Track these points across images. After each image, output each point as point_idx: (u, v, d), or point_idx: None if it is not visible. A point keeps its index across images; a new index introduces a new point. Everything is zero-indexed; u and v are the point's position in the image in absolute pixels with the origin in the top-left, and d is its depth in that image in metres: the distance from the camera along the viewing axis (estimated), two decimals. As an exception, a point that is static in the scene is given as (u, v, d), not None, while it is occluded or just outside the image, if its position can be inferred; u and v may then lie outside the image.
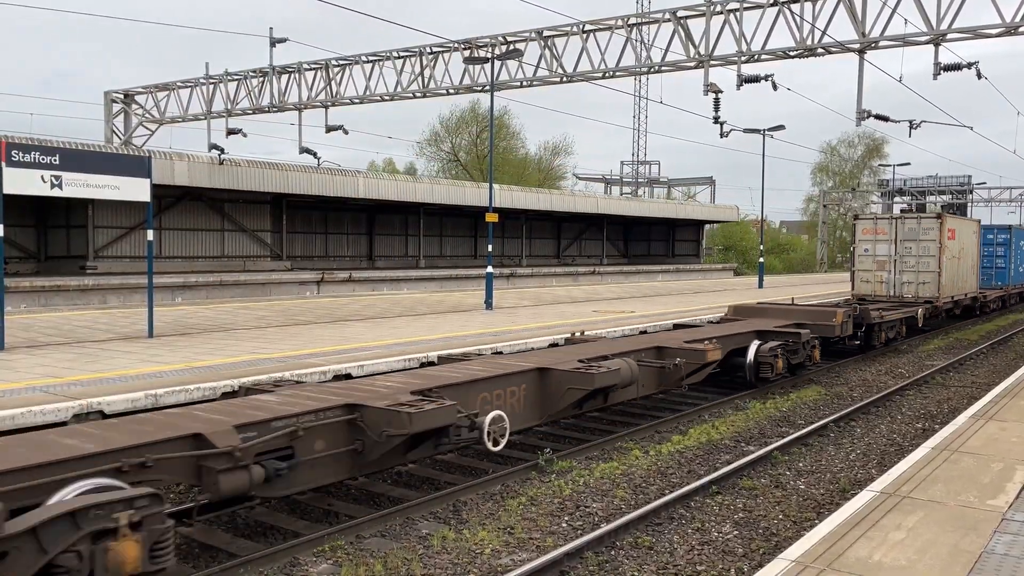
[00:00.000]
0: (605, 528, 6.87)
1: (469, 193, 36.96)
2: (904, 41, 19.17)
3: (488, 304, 19.88)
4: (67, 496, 5.09)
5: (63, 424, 7.33)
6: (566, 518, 7.42)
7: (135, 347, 11.73)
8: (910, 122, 23.39)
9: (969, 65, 19.48)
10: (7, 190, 10.77)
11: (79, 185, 11.53)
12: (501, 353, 11.89)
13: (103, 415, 7.69)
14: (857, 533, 5.22)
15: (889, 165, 60.92)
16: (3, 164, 10.64)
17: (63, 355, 10.81)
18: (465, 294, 26.34)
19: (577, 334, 13.00)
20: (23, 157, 10.87)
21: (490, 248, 21.01)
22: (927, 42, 18.81)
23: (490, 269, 20.58)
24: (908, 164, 55.05)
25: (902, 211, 64.67)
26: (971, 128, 30.87)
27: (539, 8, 22.86)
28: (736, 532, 7.14)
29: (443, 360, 10.71)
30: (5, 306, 12.01)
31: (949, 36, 18.55)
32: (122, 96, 32.46)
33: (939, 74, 19.08)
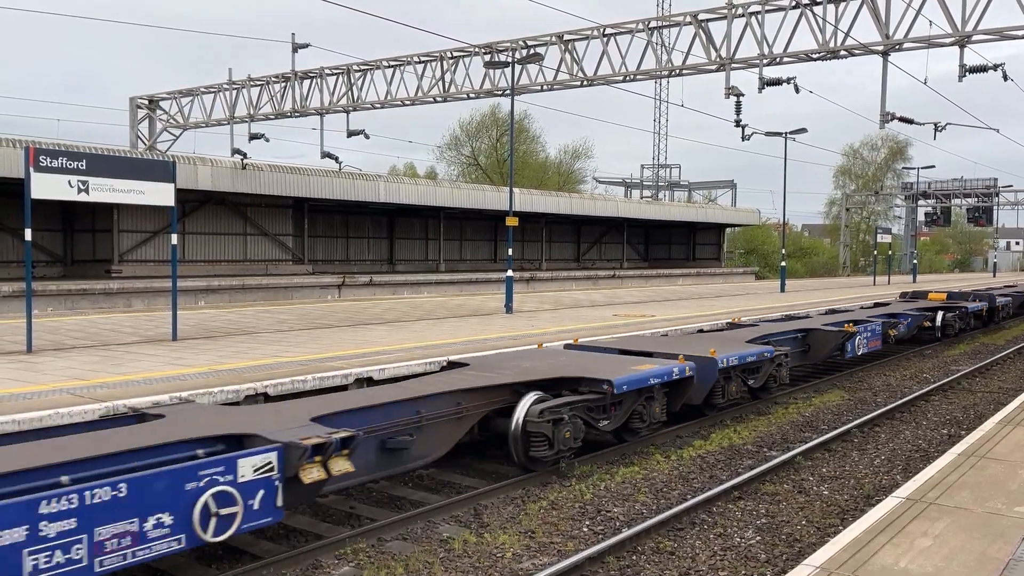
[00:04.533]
0: (627, 533, 6.85)
1: (489, 197, 37.01)
2: (929, 43, 18.98)
3: (508, 308, 19.87)
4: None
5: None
6: (587, 522, 7.40)
7: (159, 350, 11.84)
8: (935, 124, 23.15)
9: (995, 67, 19.25)
10: (36, 195, 10.91)
11: (105, 190, 11.65)
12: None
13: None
14: (883, 540, 5.17)
15: (913, 168, 60.32)
16: (32, 170, 10.78)
17: (89, 358, 10.94)
18: (485, 298, 26.37)
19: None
20: (51, 163, 11.00)
21: (510, 252, 21.00)
22: (952, 43, 18.61)
23: (510, 273, 20.57)
24: (933, 167, 54.57)
25: (927, 214, 64.00)
26: (997, 130, 30.49)
27: (560, 12, 22.88)
28: (759, 538, 7.10)
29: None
30: (33, 309, 12.18)
31: (975, 37, 18.36)
32: (147, 102, 32.86)
33: (964, 76, 18.87)
